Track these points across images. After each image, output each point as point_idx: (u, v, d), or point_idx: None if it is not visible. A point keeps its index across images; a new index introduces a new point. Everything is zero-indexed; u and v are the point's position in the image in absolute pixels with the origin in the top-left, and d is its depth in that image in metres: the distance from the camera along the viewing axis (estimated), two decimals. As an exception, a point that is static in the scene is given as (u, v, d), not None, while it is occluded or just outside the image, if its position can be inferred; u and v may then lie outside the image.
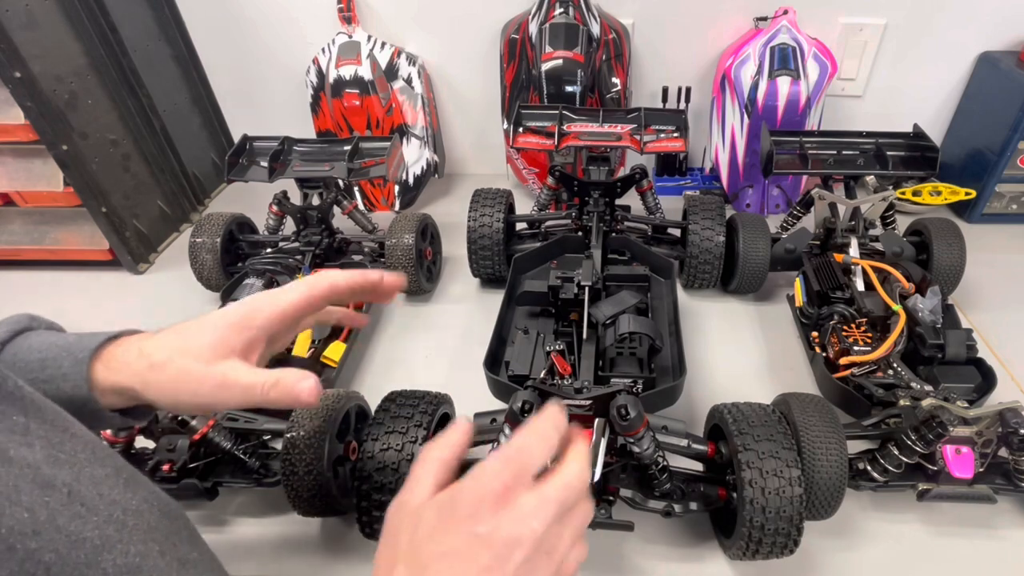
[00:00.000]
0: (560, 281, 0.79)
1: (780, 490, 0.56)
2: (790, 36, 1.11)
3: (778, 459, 0.57)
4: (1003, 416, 0.63)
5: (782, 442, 0.58)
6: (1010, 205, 1.16)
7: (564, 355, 0.73)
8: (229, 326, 0.44)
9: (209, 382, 0.42)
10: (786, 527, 0.56)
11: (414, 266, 0.98)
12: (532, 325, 0.83)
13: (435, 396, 0.67)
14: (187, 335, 0.43)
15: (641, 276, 0.86)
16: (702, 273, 0.97)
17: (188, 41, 1.31)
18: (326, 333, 0.87)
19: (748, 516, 0.56)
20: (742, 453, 0.58)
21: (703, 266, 0.96)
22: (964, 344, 0.77)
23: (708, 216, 0.96)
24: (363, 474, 0.60)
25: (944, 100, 1.23)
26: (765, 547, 0.58)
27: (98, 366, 0.42)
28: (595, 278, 0.79)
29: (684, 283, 1.01)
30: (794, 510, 0.56)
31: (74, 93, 1.03)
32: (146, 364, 0.42)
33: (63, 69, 1.02)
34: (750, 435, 0.59)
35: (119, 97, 1.13)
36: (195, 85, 1.34)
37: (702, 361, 0.90)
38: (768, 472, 0.56)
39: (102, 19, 1.08)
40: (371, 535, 0.62)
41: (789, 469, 0.57)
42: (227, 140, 1.45)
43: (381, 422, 0.63)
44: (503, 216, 0.99)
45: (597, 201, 0.99)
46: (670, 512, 0.62)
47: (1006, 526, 0.69)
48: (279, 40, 1.29)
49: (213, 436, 0.68)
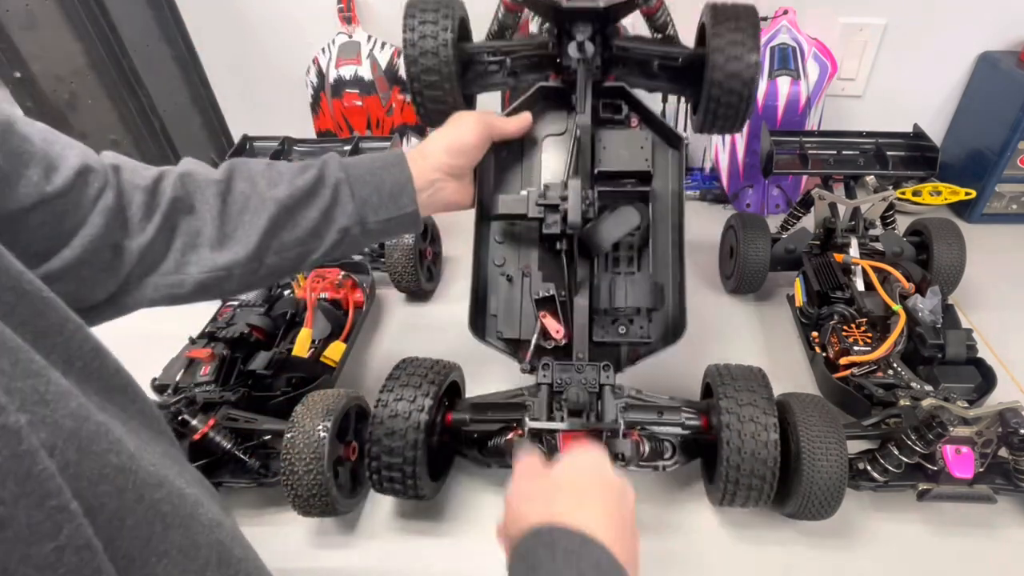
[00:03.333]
0: (542, 211, 0.64)
1: (756, 434, 0.60)
2: (790, 36, 1.11)
3: (755, 407, 0.61)
4: (1003, 416, 0.63)
5: (761, 392, 0.63)
6: (1010, 205, 1.16)
7: (555, 307, 0.66)
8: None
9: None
10: (761, 469, 0.60)
11: (414, 266, 0.98)
12: (513, 247, 0.71)
13: (444, 365, 0.71)
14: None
15: (643, 173, 0.68)
16: (725, 109, 0.67)
17: (188, 41, 1.30)
18: (326, 333, 0.87)
19: (726, 456, 0.60)
20: (723, 400, 0.62)
21: (727, 96, 0.66)
22: (964, 344, 0.77)
23: (737, 27, 0.65)
24: (373, 437, 0.64)
25: (944, 100, 1.23)
26: (743, 490, 0.61)
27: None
28: (585, 204, 0.63)
29: (698, 127, 0.72)
30: (769, 454, 0.60)
31: (74, 93, 1.03)
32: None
33: (63, 69, 1.02)
34: (731, 386, 0.63)
35: (119, 97, 1.13)
36: (195, 85, 1.34)
37: (702, 361, 0.90)
38: (746, 418, 0.61)
39: (102, 19, 1.08)
40: (381, 491, 0.67)
41: (766, 416, 0.61)
42: (227, 140, 1.45)
43: (391, 389, 0.66)
44: (453, 35, 0.68)
45: (583, 43, 0.65)
46: (658, 468, 0.67)
47: (1006, 526, 0.69)
48: (279, 40, 1.29)
49: (213, 436, 0.69)
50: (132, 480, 0.25)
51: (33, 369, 0.23)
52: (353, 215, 0.55)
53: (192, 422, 0.68)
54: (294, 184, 0.53)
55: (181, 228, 0.50)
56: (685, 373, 0.79)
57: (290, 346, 0.82)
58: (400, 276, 0.99)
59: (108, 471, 0.24)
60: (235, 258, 0.51)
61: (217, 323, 0.85)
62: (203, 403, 0.71)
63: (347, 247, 0.57)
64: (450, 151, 0.59)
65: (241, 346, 0.81)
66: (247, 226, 0.52)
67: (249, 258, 0.52)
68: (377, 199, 0.56)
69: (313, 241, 0.55)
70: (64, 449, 0.22)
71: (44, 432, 0.22)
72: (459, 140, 0.60)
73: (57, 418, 0.23)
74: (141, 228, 0.48)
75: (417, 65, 0.68)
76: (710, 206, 1.26)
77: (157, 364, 0.82)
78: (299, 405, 0.67)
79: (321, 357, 0.84)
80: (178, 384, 0.77)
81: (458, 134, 0.60)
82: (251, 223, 0.52)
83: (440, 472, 0.71)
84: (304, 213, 0.54)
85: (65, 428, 0.23)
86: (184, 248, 0.50)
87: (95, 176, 0.45)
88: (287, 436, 0.64)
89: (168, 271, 0.50)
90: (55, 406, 0.23)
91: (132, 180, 0.48)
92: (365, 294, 0.97)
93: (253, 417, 0.72)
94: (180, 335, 0.83)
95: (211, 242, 0.51)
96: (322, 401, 0.67)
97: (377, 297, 1.04)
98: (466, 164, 0.61)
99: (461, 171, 0.61)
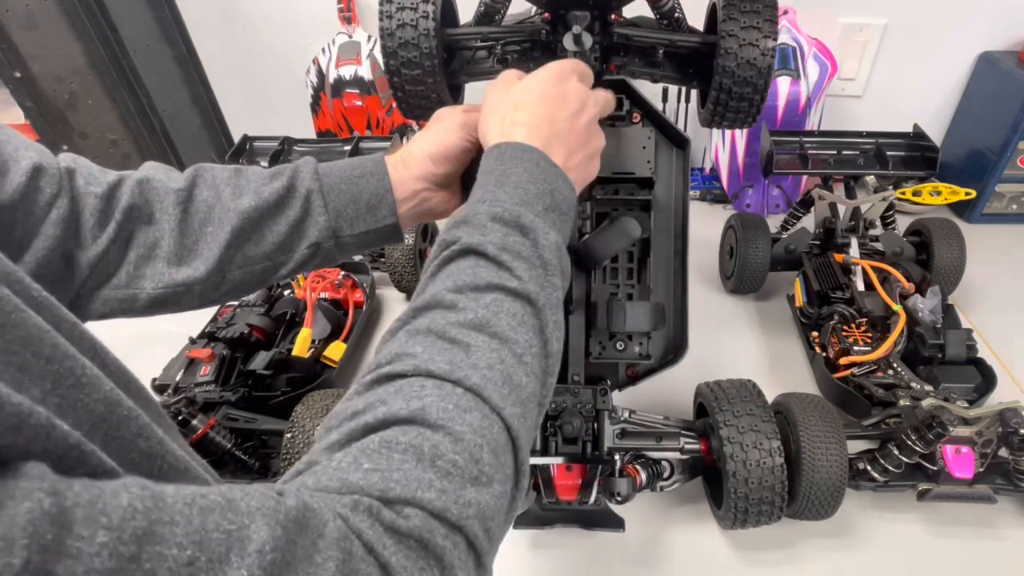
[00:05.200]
0: None
1: (761, 461, 0.59)
2: (790, 36, 1.11)
3: (757, 432, 0.60)
4: (1003, 416, 0.63)
5: (760, 415, 0.61)
6: (1010, 205, 1.16)
7: None
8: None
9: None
10: (770, 496, 0.59)
11: (414, 266, 0.97)
12: None
13: None
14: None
15: (645, 180, 0.63)
16: (737, 101, 0.62)
17: (188, 41, 1.31)
18: (326, 333, 0.87)
19: (732, 488, 0.59)
20: (724, 429, 0.60)
21: (740, 87, 0.60)
22: (964, 344, 0.77)
23: (752, 10, 0.59)
24: None
25: (944, 100, 1.23)
26: (752, 516, 0.60)
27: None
28: (580, 220, 0.60)
29: (706, 120, 0.68)
30: (776, 479, 0.59)
31: (74, 93, 1.03)
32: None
33: (63, 69, 1.02)
34: (729, 411, 0.61)
35: (119, 97, 1.13)
36: (195, 85, 1.34)
37: (702, 361, 0.90)
38: (749, 445, 0.59)
39: (102, 19, 1.08)
40: None
41: (769, 441, 0.59)
42: (227, 140, 1.45)
43: None
44: (436, 22, 0.60)
45: (579, 35, 0.57)
46: (655, 488, 0.65)
47: (1006, 526, 0.69)
48: (279, 40, 1.29)
49: (213, 436, 0.69)
50: (159, 465, 0.25)
51: (69, 352, 0.23)
52: (326, 229, 0.50)
53: (192, 422, 0.68)
54: (260, 194, 0.48)
55: (137, 239, 0.46)
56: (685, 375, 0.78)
57: (290, 346, 0.82)
58: (400, 276, 0.99)
59: (135, 455, 0.24)
60: (194, 274, 0.47)
61: (217, 323, 0.85)
62: (203, 403, 0.71)
63: (319, 261, 0.52)
64: (435, 158, 0.52)
65: (241, 346, 0.81)
66: (208, 239, 0.47)
67: (210, 272, 0.48)
68: (353, 211, 0.51)
69: (281, 255, 0.50)
70: (91, 434, 0.22)
71: (73, 415, 0.22)
72: (443, 144, 0.52)
73: (89, 402, 0.23)
74: (94, 238, 0.44)
75: (397, 58, 0.60)
76: (710, 206, 1.26)
77: (157, 364, 0.82)
78: (299, 405, 0.67)
79: (321, 357, 0.84)
80: (178, 384, 0.77)
81: (442, 138, 0.53)
82: (213, 236, 0.47)
83: None
84: (271, 226, 0.49)
85: (96, 412, 0.23)
86: (139, 260, 0.46)
87: (48, 180, 0.42)
88: (287, 436, 0.64)
89: (120, 284, 0.46)
90: (89, 390, 0.23)
91: (86, 185, 0.44)
92: (365, 294, 0.97)
93: (253, 417, 0.72)
94: (180, 335, 0.83)
95: (168, 255, 0.47)
96: (322, 401, 0.67)
97: (377, 297, 1.04)
98: (452, 171, 0.54)
99: (447, 180, 0.54)
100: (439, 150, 0.52)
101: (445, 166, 0.53)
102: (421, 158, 0.52)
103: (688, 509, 0.71)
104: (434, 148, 0.52)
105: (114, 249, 0.45)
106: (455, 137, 0.52)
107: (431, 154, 0.52)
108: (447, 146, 0.52)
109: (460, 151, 0.52)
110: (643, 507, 0.70)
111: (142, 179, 0.47)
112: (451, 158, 0.53)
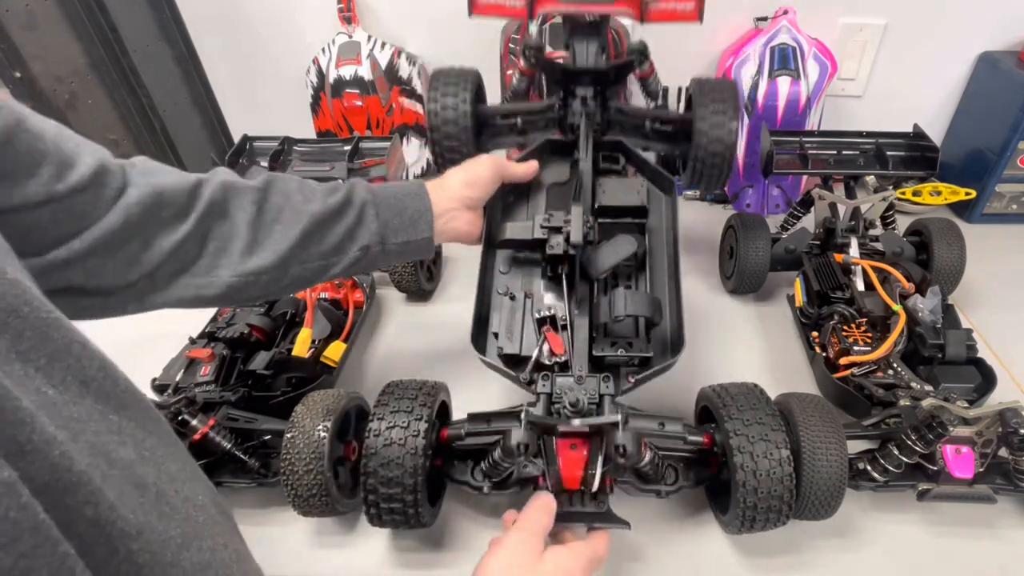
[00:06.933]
0: (546, 232, 0.68)
1: (771, 471, 0.59)
2: (790, 36, 1.11)
3: (768, 441, 0.60)
4: (1003, 416, 0.63)
5: (771, 424, 0.61)
6: (1010, 205, 1.16)
7: (555, 325, 0.68)
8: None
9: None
10: (777, 504, 0.60)
11: (414, 266, 0.98)
12: (516, 275, 0.74)
13: (432, 386, 0.67)
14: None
15: (639, 209, 0.72)
16: (709, 169, 0.75)
17: (188, 41, 1.31)
18: (326, 333, 0.87)
19: (741, 497, 0.59)
20: (733, 438, 0.60)
21: (711, 159, 0.74)
22: (964, 344, 0.77)
23: (719, 99, 0.74)
24: (367, 470, 0.61)
25: (944, 100, 1.23)
26: (760, 523, 0.61)
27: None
28: (587, 228, 0.67)
29: (686, 183, 0.80)
30: (785, 488, 0.59)
31: (74, 93, 1.03)
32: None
33: (63, 69, 1.02)
34: (739, 420, 0.61)
35: (119, 97, 1.13)
36: (195, 85, 1.34)
37: (702, 360, 0.90)
38: (759, 455, 0.59)
39: (102, 19, 1.08)
40: (380, 524, 0.63)
41: (779, 451, 0.59)
42: (227, 140, 1.45)
43: (382, 417, 0.63)
44: (471, 100, 0.78)
45: (586, 98, 0.78)
46: (660, 493, 0.65)
47: (1006, 526, 0.69)
48: (279, 40, 1.29)
49: (213, 436, 0.69)
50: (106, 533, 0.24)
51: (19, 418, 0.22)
52: (375, 234, 0.60)
53: (192, 422, 0.68)
54: (326, 202, 0.58)
55: (215, 232, 0.53)
56: (685, 375, 0.79)
57: (290, 346, 0.82)
58: (400, 276, 0.99)
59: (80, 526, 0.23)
60: (262, 264, 0.55)
61: (217, 323, 0.85)
62: (203, 403, 0.71)
63: (365, 265, 0.61)
64: (467, 183, 0.66)
65: (241, 346, 0.81)
66: (278, 235, 0.56)
67: (275, 266, 0.55)
68: (398, 222, 0.62)
69: (335, 256, 0.59)
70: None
71: None
72: (475, 174, 0.67)
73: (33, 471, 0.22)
74: (174, 227, 0.51)
75: (439, 132, 0.78)
76: (710, 206, 1.26)
77: (157, 364, 0.82)
78: (299, 405, 0.67)
79: (321, 357, 0.84)
80: (178, 384, 0.77)
81: (475, 169, 0.67)
82: (282, 233, 0.56)
83: (436, 498, 0.69)
84: (332, 229, 0.58)
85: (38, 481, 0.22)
86: (216, 251, 0.53)
87: (112, 177, 0.48)
88: (287, 436, 0.64)
89: (200, 272, 0.53)
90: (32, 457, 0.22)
91: (170, 182, 0.51)
92: (365, 294, 0.97)
93: (253, 417, 0.72)
94: (180, 335, 0.83)
95: (242, 247, 0.54)
96: (322, 401, 0.67)
97: (377, 297, 1.04)
98: (480, 196, 0.67)
99: (475, 203, 0.67)
100: (471, 177, 0.67)
101: (475, 190, 0.67)
102: (455, 182, 0.66)
103: (689, 511, 0.71)
104: (467, 176, 0.67)
105: (192, 239, 0.52)
106: (484, 168, 0.67)
107: (464, 180, 0.66)
108: (478, 174, 0.67)
109: (488, 180, 0.67)
110: (644, 508, 0.70)
111: (224, 181, 0.55)
112: (480, 184, 0.67)
